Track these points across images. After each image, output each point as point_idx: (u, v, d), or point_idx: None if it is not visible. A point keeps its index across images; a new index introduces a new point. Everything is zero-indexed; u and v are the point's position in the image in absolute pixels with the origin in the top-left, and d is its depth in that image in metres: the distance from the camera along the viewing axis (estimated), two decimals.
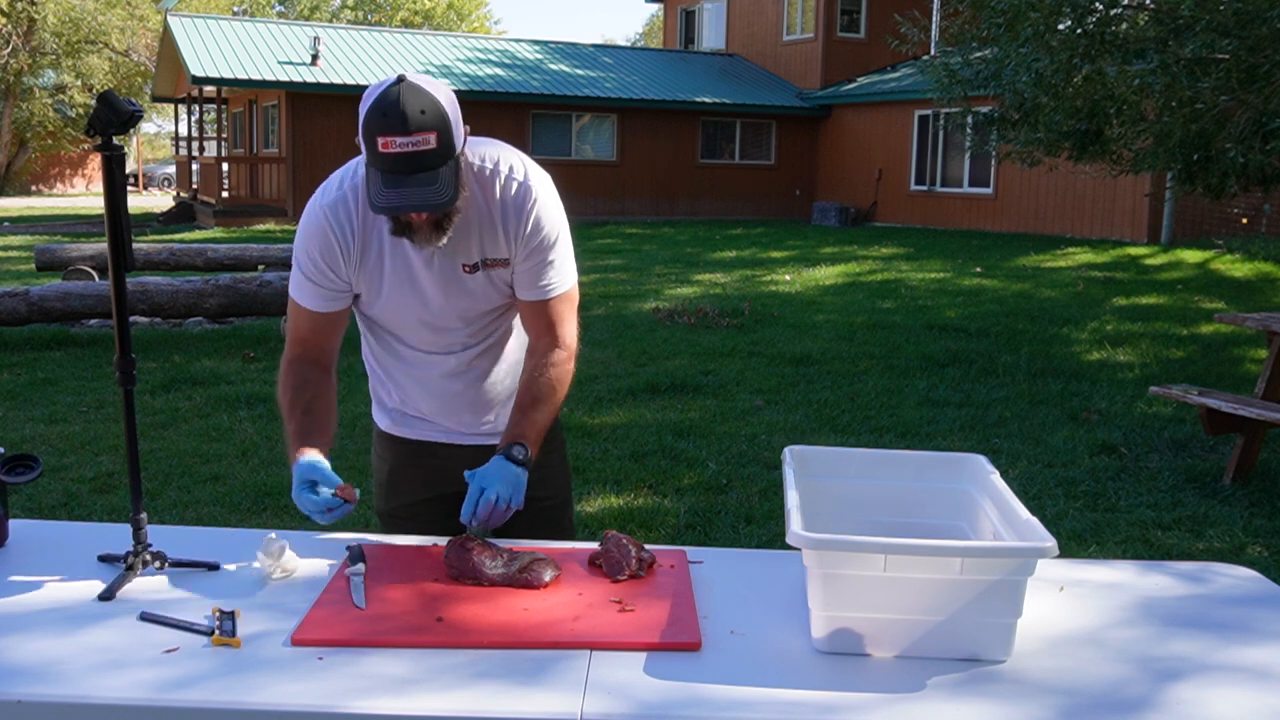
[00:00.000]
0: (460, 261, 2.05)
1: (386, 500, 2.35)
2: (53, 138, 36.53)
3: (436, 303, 2.08)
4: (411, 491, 2.32)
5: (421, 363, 2.20)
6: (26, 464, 2.01)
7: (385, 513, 2.36)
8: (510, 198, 2.03)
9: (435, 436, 2.28)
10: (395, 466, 2.33)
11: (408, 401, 2.27)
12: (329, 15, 48.49)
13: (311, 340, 2.14)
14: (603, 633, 1.68)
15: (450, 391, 2.22)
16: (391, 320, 2.14)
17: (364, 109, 1.85)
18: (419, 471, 2.30)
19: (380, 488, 2.36)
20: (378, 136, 1.80)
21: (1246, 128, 7.01)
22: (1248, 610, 1.87)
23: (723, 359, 8.02)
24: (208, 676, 1.53)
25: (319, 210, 2.03)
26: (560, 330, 2.13)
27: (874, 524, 2.02)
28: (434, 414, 2.26)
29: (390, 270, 2.05)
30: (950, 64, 9.96)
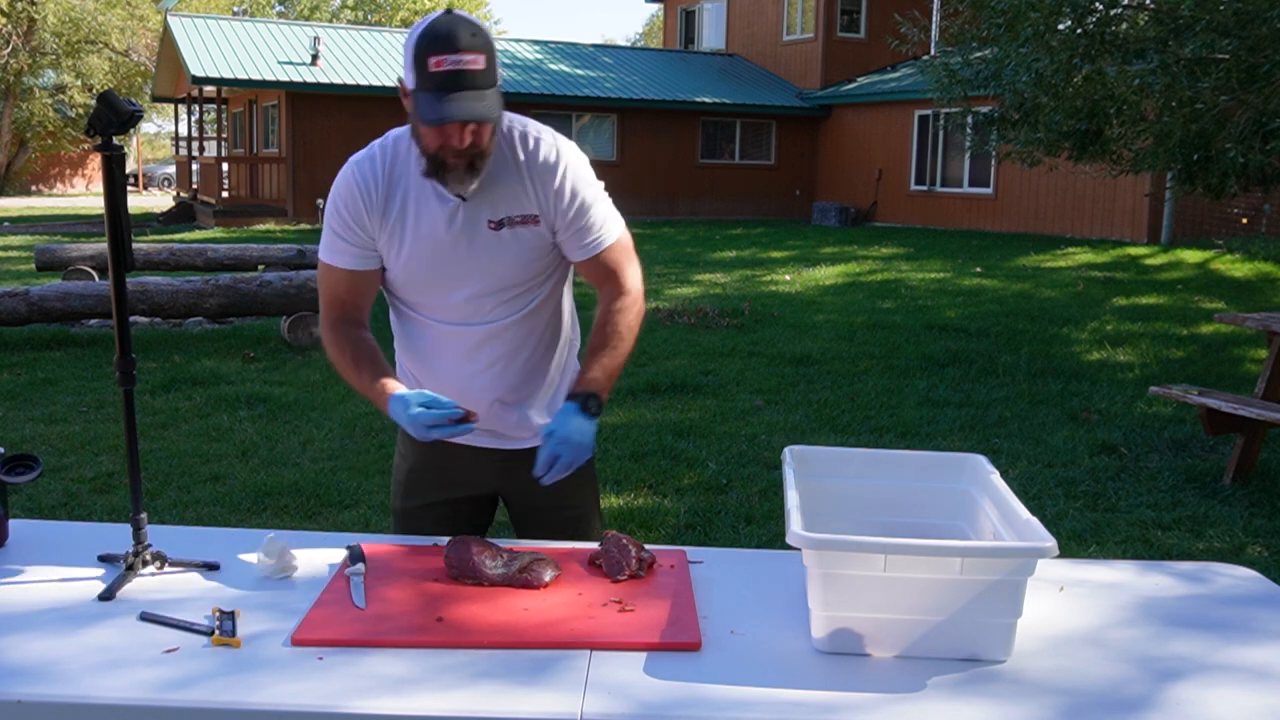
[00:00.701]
0: (485, 218, 2.05)
1: (403, 499, 2.33)
2: (53, 138, 36.52)
3: (460, 259, 2.05)
4: (428, 492, 2.30)
5: (444, 338, 2.14)
6: (26, 464, 2.01)
7: (400, 511, 2.34)
8: (538, 159, 2.06)
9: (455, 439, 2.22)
10: (414, 466, 2.31)
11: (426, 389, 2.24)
12: (329, 15, 48.49)
13: (349, 300, 2.13)
14: (603, 633, 1.68)
15: (471, 372, 2.14)
16: (414, 283, 2.11)
17: (412, 41, 1.89)
18: (437, 473, 2.28)
19: (397, 485, 2.35)
20: (429, 57, 1.85)
21: (1246, 128, 7.01)
22: (1248, 610, 1.87)
23: (723, 359, 8.02)
24: (208, 676, 1.53)
25: (348, 167, 2.08)
26: (621, 277, 2.17)
27: (874, 524, 2.02)
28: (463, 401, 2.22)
29: (413, 224, 2.05)
30: (950, 64, 9.97)
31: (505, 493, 2.31)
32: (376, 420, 6.13)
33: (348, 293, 2.12)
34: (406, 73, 1.92)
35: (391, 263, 2.10)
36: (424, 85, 1.87)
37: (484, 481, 2.29)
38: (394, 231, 2.06)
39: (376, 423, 6.08)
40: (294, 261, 10.83)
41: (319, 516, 4.63)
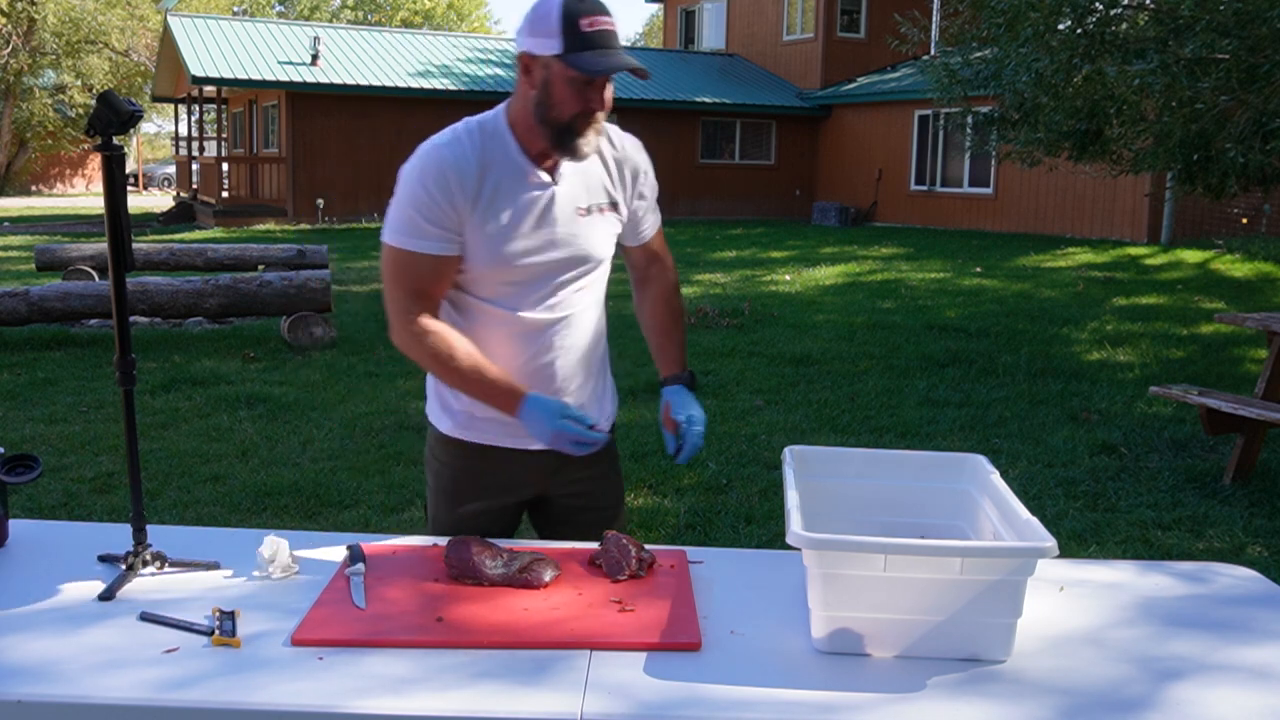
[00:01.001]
0: (575, 204, 2.09)
1: (449, 508, 2.24)
2: (53, 138, 36.52)
3: (549, 243, 2.06)
4: (475, 499, 2.23)
5: (517, 331, 2.10)
6: (26, 464, 2.01)
7: (448, 522, 2.24)
8: (628, 145, 2.18)
9: (504, 441, 2.18)
10: (459, 471, 2.22)
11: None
12: (329, 15, 48.48)
13: (433, 292, 2.05)
14: (603, 633, 1.68)
15: (541, 364, 2.13)
16: (502, 271, 2.05)
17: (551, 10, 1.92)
18: (487, 478, 2.22)
19: (441, 495, 2.25)
20: (580, 19, 1.91)
21: (1246, 128, 7.01)
22: (1248, 610, 1.87)
23: (723, 359, 8.02)
24: (208, 676, 1.53)
25: (433, 149, 2.01)
26: (668, 257, 2.36)
27: (874, 524, 2.02)
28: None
29: (508, 209, 2.03)
30: (950, 64, 9.96)
31: (549, 494, 2.27)
32: (376, 420, 6.13)
33: (433, 282, 2.04)
34: (544, 40, 1.93)
35: (478, 250, 2.03)
36: (578, 45, 1.91)
37: (532, 483, 2.24)
38: (485, 216, 2.01)
39: (376, 423, 6.08)
40: (294, 261, 10.83)
41: (319, 516, 4.64)
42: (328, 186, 20.08)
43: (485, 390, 2.03)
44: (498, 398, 2.02)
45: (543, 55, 1.94)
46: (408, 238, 2.00)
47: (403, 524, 4.54)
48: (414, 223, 1.99)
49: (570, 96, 1.95)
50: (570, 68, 1.91)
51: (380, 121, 20.28)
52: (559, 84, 1.95)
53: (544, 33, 1.92)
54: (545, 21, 1.92)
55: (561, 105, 1.95)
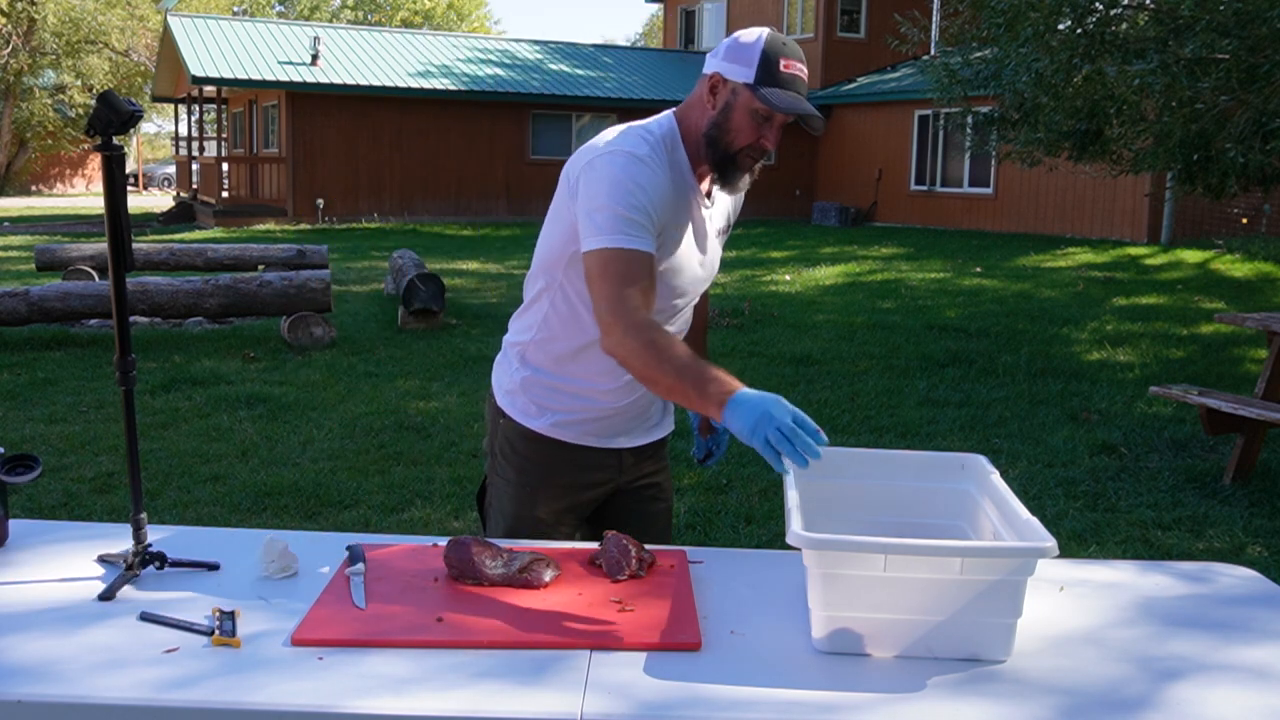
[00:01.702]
0: (717, 226, 2.18)
1: (538, 506, 2.24)
2: (53, 138, 36.52)
3: (701, 261, 2.15)
4: (563, 496, 2.26)
5: None
6: (26, 464, 2.01)
7: (531, 519, 2.23)
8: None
9: (595, 441, 2.23)
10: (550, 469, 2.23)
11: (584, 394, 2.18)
12: (329, 15, 48.49)
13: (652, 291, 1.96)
14: (603, 633, 1.68)
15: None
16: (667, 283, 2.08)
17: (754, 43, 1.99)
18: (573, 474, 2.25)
19: (527, 492, 2.23)
20: (781, 59, 1.98)
21: (1246, 128, 7.01)
22: (1248, 610, 1.87)
23: (723, 359, 8.02)
24: (208, 676, 1.53)
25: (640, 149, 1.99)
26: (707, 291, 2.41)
27: (874, 524, 2.02)
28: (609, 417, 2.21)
29: (686, 222, 2.09)
30: (950, 64, 9.97)
31: (623, 486, 2.33)
32: (377, 420, 6.13)
33: (652, 282, 1.96)
34: (739, 67, 1.99)
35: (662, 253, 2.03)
36: (772, 82, 1.98)
37: (610, 480, 2.30)
38: (672, 226, 2.04)
39: (376, 423, 6.08)
40: (294, 261, 10.83)
41: (319, 516, 4.64)
42: (328, 186, 20.08)
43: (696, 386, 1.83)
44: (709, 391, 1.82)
45: (734, 80, 2.00)
46: (627, 236, 1.92)
47: (403, 524, 4.54)
48: (629, 221, 1.93)
49: (747, 127, 2.01)
50: (756, 99, 1.98)
51: (380, 121, 20.29)
52: (740, 112, 2.00)
53: (742, 60, 1.99)
54: (746, 51, 1.99)
55: (736, 133, 2.01)
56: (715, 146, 2.03)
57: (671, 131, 2.07)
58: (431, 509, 4.71)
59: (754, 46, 1.98)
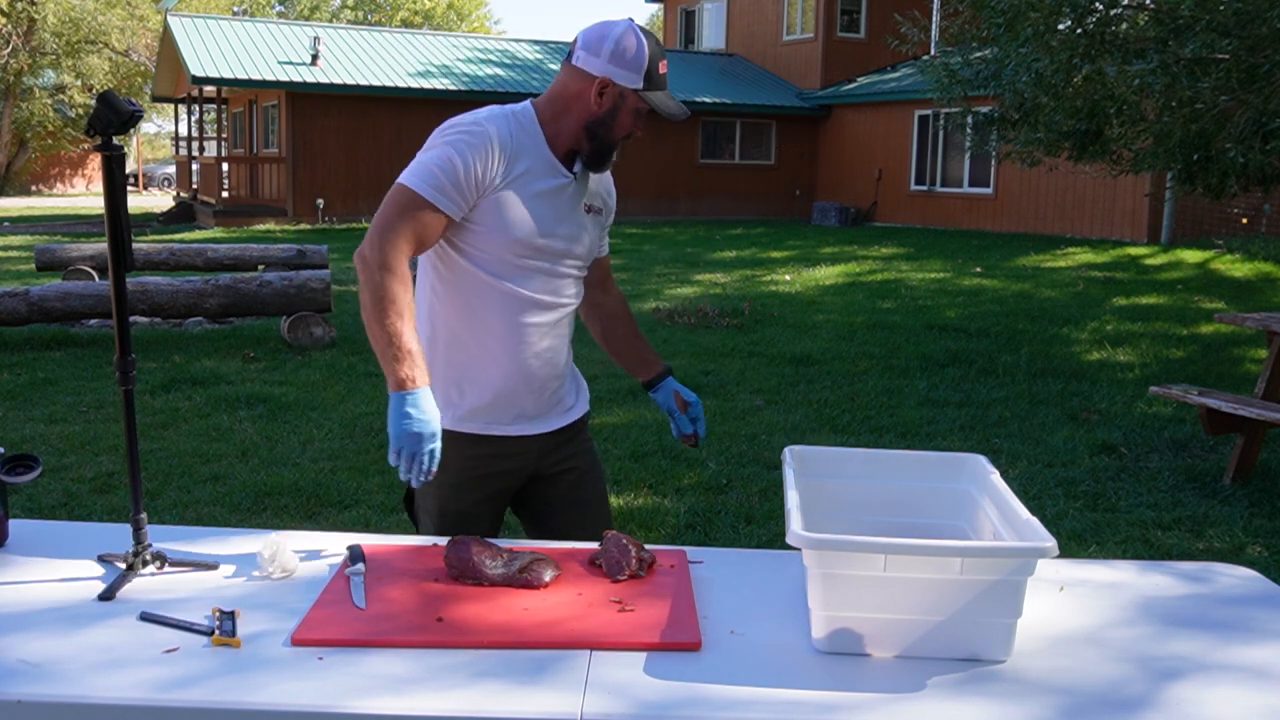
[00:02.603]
0: (583, 201, 2.30)
1: (458, 499, 2.30)
2: (53, 138, 36.51)
3: (562, 230, 2.24)
4: (480, 488, 2.31)
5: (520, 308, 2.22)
6: (26, 464, 2.01)
7: (455, 513, 2.30)
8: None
9: (498, 430, 2.29)
10: (464, 463, 2.28)
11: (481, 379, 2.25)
12: (329, 15, 48.48)
13: (426, 243, 2.15)
14: (603, 633, 1.68)
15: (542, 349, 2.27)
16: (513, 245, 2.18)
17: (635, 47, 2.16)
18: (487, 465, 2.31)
19: (445, 489, 2.28)
20: (660, 61, 2.20)
21: (1246, 128, 7.01)
22: (1248, 610, 1.87)
23: (723, 359, 8.02)
24: (208, 676, 1.53)
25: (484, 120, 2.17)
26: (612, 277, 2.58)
27: (874, 524, 2.02)
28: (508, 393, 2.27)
29: (533, 190, 2.20)
30: (950, 64, 9.96)
31: (539, 477, 2.38)
32: (377, 420, 6.13)
33: (429, 237, 2.14)
34: (629, 74, 2.17)
35: (502, 222, 2.17)
36: (657, 85, 2.20)
37: (525, 468, 2.36)
38: (517, 191, 2.18)
39: (377, 423, 6.08)
40: (294, 261, 10.83)
41: (319, 516, 4.64)
42: (327, 186, 20.08)
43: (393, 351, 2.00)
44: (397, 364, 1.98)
45: (624, 86, 2.18)
46: (431, 189, 2.10)
47: (403, 524, 4.54)
48: (441, 178, 2.11)
49: (629, 122, 2.21)
50: (644, 102, 2.19)
51: (380, 121, 20.28)
52: (627, 111, 2.20)
53: (631, 68, 2.17)
54: (634, 58, 2.17)
55: (619, 128, 2.21)
56: (597, 138, 2.21)
57: (526, 112, 2.24)
58: None
59: (639, 54, 2.16)
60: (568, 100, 2.20)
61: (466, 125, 2.16)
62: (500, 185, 2.16)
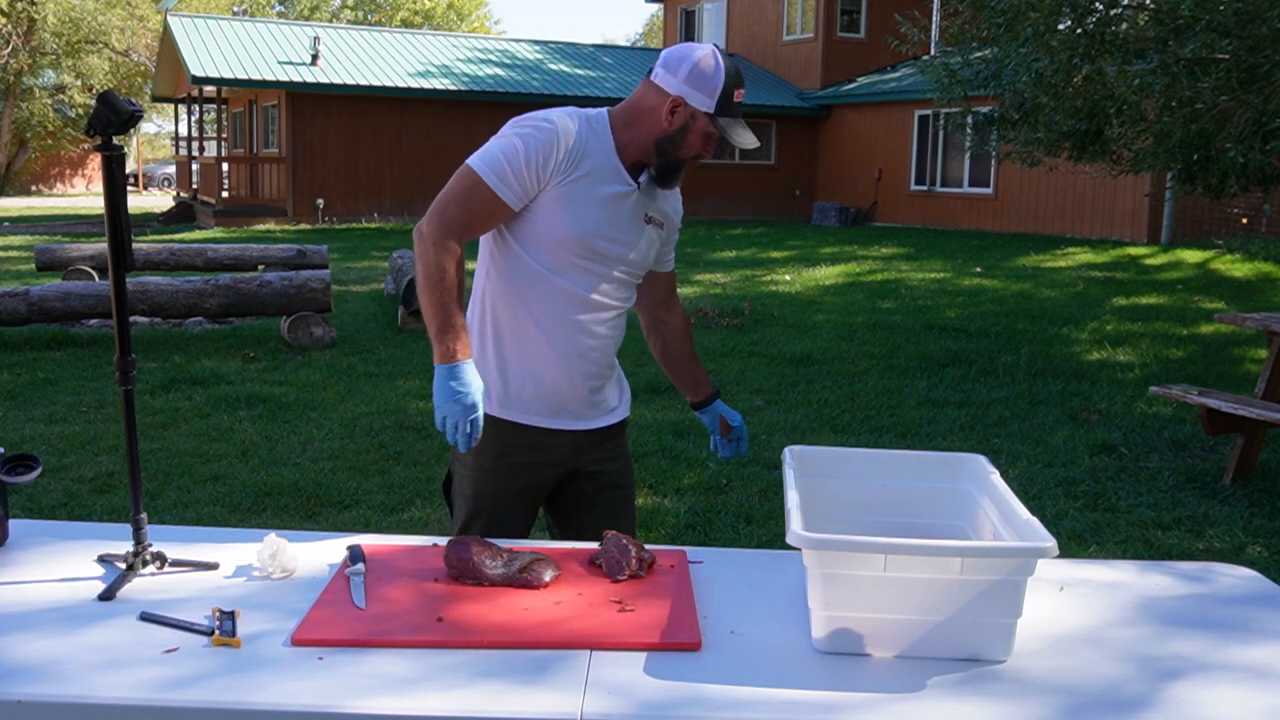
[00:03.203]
0: (646, 211, 2.33)
1: (492, 484, 2.34)
2: (53, 138, 36.51)
3: (620, 234, 2.28)
4: (515, 477, 2.35)
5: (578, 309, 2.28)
6: (26, 464, 2.01)
7: (489, 495, 2.34)
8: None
9: (540, 420, 2.33)
10: (503, 449, 2.31)
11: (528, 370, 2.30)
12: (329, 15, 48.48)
13: (483, 228, 2.25)
14: (603, 633, 1.68)
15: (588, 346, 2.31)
16: (570, 240, 2.23)
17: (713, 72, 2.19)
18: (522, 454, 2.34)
19: (481, 473, 2.34)
20: (735, 89, 2.22)
21: (1246, 128, 7.01)
22: (1248, 610, 1.87)
23: (723, 359, 8.02)
24: (208, 676, 1.53)
25: (556, 117, 2.22)
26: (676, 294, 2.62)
27: (874, 524, 2.02)
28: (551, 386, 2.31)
29: (596, 190, 2.23)
30: (950, 64, 9.96)
31: (578, 469, 2.42)
32: (377, 420, 6.13)
33: (486, 221, 2.23)
34: (703, 97, 2.20)
35: (563, 218, 2.22)
36: (729, 112, 2.23)
37: (563, 462, 2.39)
38: (577, 190, 2.22)
39: (376, 423, 6.08)
40: (294, 261, 10.83)
41: (319, 516, 4.64)
42: (328, 186, 20.08)
43: (441, 325, 2.10)
44: (444, 338, 2.09)
45: (696, 108, 2.21)
46: (495, 176, 2.17)
47: (403, 524, 4.54)
48: (505, 167, 2.17)
49: (698, 144, 2.25)
50: (714, 127, 2.22)
51: (380, 121, 20.29)
52: (696, 133, 2.24)
53: (706, 91, 2.20)
54: (709, 82, 2.20)
55: (688, 148, 2.25)
56: (665, 155, 2.26)
57: (601, 118, 2.28)
58: (431, 509, 4.71)
59: (715, 78, 2.20)
60: (641, 113, 2.25)
61: (538, 120, 2.22)
62: (563, 182, 2.21)
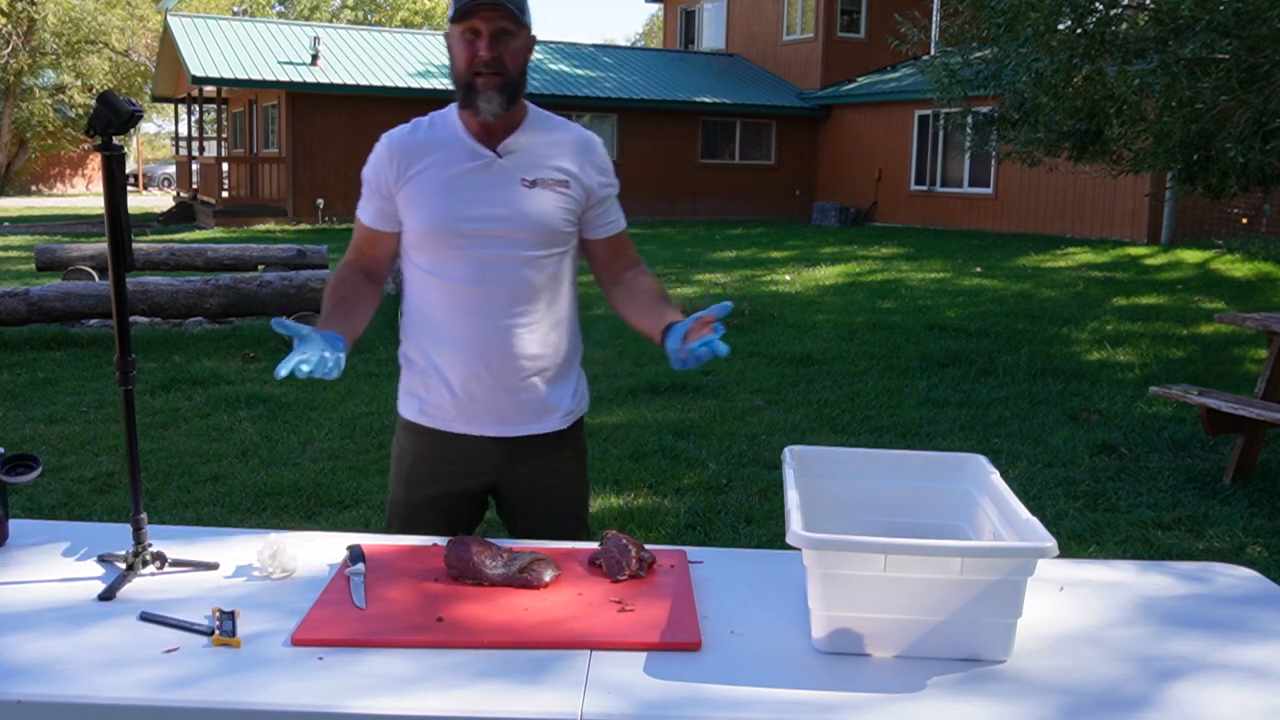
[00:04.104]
0: (520, 176, 2.20)
1: (405, 490, 2.34)
2: (53, 138, 36.52)
3: (491, 209, 2.17)
4: (431, 484, 2.31)
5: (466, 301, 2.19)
6: (26, 464, 2.01)
7: (403, 502, 2.34)
8: (580, 134, 2.31)
9: (457, 427, 2.27)
10: (418, 457, 2.32)
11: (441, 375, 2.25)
12: (329, 15, 48.47)
13: (364, 249, 2.33)
14: (603, 633, 1.68)
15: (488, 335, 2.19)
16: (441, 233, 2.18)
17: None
18: (441, 464, 2.30)
19: (398, 479, 2.35)
20: None
21: (1246, 128, 7.01)
22: (1248, 610, 1.87)
23: (723, 359, 8.01)
24: (208, 676, 1.53)
25: (392, 130, 2.27)
26: (634, 252, 2.41)
27: (874, 524, 2.02)
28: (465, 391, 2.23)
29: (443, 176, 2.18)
30: (950, 64, 9.96)
31: (503, 485, 2.33)
32: (377, 420, 6.13)
33: (364, 243, 2.32)
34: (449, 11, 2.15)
35: (416, 215, 2.20)
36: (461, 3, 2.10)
37: (485, 472, 2.30)
38: (421, 185, 2.19)
39: (377, 423, 6.08)
40: (294, 261, 10.83)
41: (319, 516, 4.64)
42: (328, 186, 20.08)
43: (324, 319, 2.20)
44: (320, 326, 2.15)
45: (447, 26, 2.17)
46: (359, 205, 2.31)
47: None
48: (363, 194, 2.29)
49: (460, 49, 2.13)
50: (450, 21, 2.14)
51: (380, 121, 19.86)
52: (453, 42, 2.15)
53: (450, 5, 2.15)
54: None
55: (456, 60, 2.15)
56: (457, 84, 2.17)
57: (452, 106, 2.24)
58: None
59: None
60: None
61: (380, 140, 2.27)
62: (406, 183, 2.20)
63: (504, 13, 2.10)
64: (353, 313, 2.24)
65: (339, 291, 2.27)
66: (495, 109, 2.13)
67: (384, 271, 2.36)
